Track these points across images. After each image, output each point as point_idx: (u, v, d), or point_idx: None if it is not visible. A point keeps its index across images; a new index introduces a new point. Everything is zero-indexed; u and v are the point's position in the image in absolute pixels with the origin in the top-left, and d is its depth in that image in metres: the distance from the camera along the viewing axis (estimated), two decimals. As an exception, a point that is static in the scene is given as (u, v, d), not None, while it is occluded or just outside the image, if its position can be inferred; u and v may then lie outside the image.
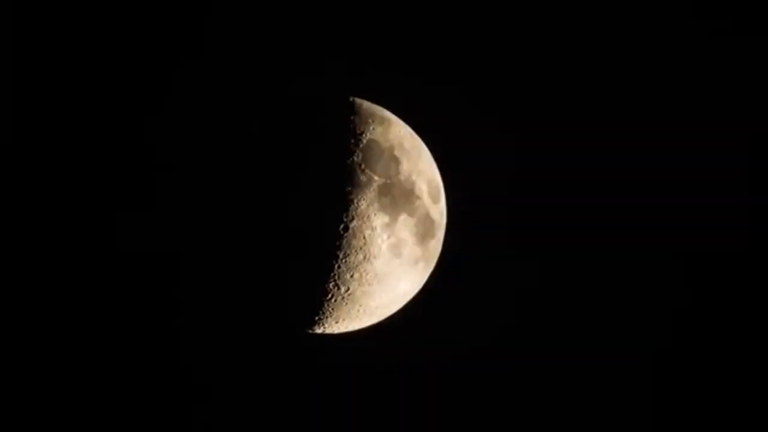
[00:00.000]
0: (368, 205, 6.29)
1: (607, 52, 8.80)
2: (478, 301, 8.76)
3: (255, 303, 6.81)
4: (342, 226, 6.23)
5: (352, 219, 6.25)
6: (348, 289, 6.48)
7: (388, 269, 6.54)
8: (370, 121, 6.70)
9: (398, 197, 6.46)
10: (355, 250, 6.31)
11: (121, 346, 8.45)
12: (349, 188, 6.25)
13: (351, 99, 6.95)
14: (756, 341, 8.65)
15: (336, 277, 6.37)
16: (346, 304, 6.61)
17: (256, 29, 8.69)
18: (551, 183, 8.86)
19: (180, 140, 8.38)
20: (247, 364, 8.49)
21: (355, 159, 6.36)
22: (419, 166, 6.80)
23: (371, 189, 6.33)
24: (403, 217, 6.48)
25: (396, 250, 6.49)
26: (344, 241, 6.26)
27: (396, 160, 6.58)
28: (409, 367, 8.66)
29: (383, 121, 6.84)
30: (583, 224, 8.82)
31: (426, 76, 8.69)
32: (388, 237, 6.42)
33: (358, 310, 6.74)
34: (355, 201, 6.26)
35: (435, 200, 6.91)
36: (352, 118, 6.65)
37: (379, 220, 6.34)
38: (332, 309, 6.62)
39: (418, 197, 6.63)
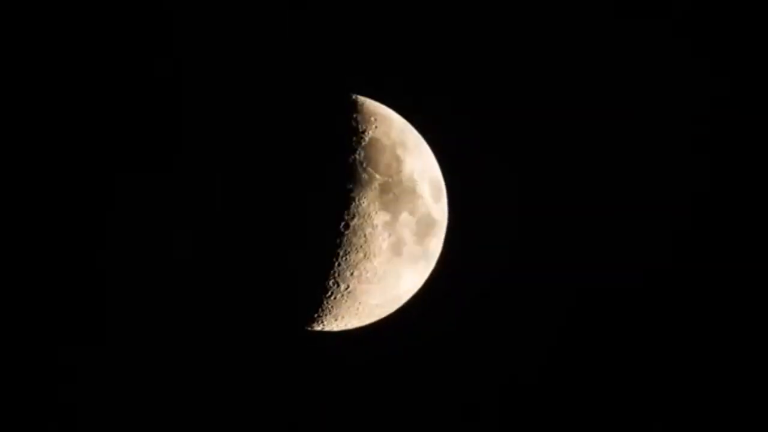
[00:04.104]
0: (369, 203, 6.29)
1: (610, 52, 8.79)
2: (478, 300, 8.76)
3: (255, 299, 6.81)
4: (343, 224, 6.23)
5: (353, 217, 6.24)
6: (348, 286, 6.48)
7: (389, 268, 6.54)
8: (372, 119, 6.70)
9: (399, 196, 6.45)
10: (356, 248, 6.30)
11: (118, 344, 8.46)
12: (351, 186, 6.25)
13: (353, 97, 6.95)
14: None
15: (336, 275, 6.37)
16: (346, 301, 6.60)
17: (259, 27, 8.69)
18: (553, 183, 8.86)
19: (180, 138, 8.38)
20: (246, 361, 8.49)
21: (357, 157, 6.35)
22: (421, 164, 6.79)
23: (373, 187, 6.32)
24: (404, 216, 6.48)
25: (396, 248, 6.49)
26: (345, 239, 6.25)
27: (398, 159, 6.57)
28: (408, 366, 8.66)
29: (385, 119, 6.83)
30: (584, 224, 8.82)
31: (429, 74, 8.69)
32: (389, 235, 6.41)
33: (358, 308, 6.74)
34: (357, 199, 6.25)
35: (436, 199, 6.90)
36: (354, 115, 6.65)
37: (380, 218, 6.34)
38: (332, 306, 6.62)
39: (420, 196, 6.62)
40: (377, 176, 6.36)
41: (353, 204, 6.24)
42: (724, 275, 8.77)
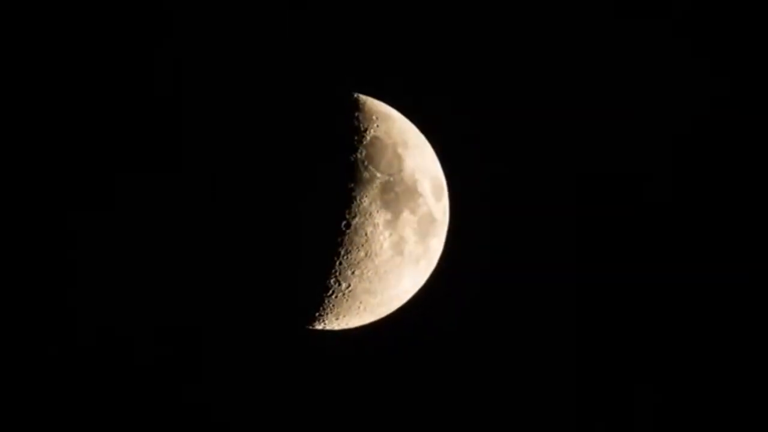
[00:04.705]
0: (371, 202, 6.29)
1: (610, 52, 8.80)
2: (478, 300, 8.76)
3: (256, 298, 6.80)
4: (344, 223, 6.23)
5: (355, 216, 6.24)
6: (349, 285, 6.48)
7: (390, 267, 6.53)
8: (374, 117, 6.70)
9: (401, 195, 6.45)
10: (357, 247, 6.30)
11: (117, 343, 8.45)
12: (352, 185, 6.25)
13: (355, 95, 6.95)
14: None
15: (337, 274, 6.37)
16: (347, 300, 6.60)
17: (259, 27, 8.69)
18: (553, 183, 8.86)
19: (181, 138, 8.38)
20: (247, 359, 8.49)
21: (359, 156, 6.35)
22: (422, 163, 6.79)
23: (374, 186, 6.32)
24: (405, 215, 6.48)
25: (398, 247, 6.49)
26: (346, 238, 6.25)
27: (399, 158, 6.58)
28: (409, 365, 8.66)
29: (387, 118, 6.84)
30: (584, 224, 8.82)
31: (430, 73, 8.69)
32: (390, 234, 6.41)
33: (359, 307, 6.74)
34: (358, 198, 6.25)
35: (437, 198, 6.90)
36: (356, 114, 6.65)
37: (381, 217, 6.33)
38: (333, 305, 6.61)
39: (421, 195, 6.62)
40: (378, 175, 6.36)
41: (354, 203, 6.24)
42: (723, 275, 8.78)
